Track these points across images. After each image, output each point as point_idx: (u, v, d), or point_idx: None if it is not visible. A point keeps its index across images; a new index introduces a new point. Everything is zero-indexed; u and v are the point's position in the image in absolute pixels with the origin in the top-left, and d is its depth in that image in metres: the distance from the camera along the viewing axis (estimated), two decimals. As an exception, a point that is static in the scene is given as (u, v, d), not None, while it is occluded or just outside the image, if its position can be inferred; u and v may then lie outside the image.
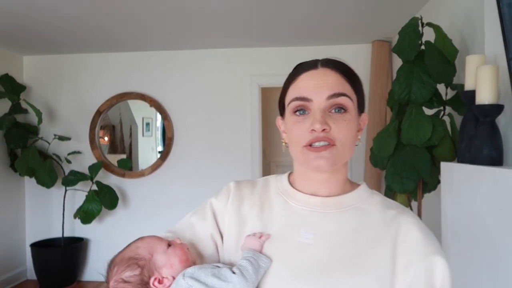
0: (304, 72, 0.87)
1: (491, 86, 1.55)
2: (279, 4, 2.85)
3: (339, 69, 0.86)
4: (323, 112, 0.82)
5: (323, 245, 0.83)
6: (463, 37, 2.24)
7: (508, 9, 1.47)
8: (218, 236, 0.94)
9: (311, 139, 0.82)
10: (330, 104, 0.82)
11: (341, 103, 0.83)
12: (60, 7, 2.83)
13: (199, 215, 0.98)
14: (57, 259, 3.91)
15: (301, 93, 0.84)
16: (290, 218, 0.89)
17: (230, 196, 0.96)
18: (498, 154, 1.57)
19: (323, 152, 0.81)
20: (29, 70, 4.29)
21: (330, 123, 0.81)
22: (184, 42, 3.84)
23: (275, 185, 0.97)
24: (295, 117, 0.85)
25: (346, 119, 0.83)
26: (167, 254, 0.87)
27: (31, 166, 3.80)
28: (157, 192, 4.14)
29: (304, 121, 0.83)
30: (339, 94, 0.82)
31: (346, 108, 0.83)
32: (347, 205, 0.88)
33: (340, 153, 0.83)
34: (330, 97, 0.82)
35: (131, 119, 4.51)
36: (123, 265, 0.88)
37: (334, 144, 0.82)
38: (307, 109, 0.83)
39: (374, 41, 3.77)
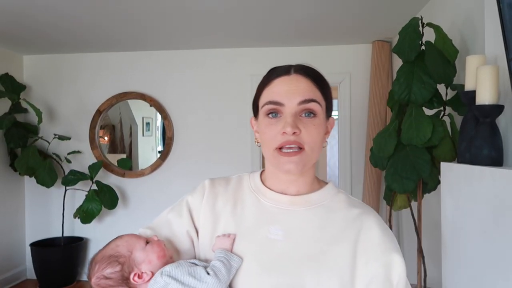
0: (277, 77, 0.92)
1: (491, 87, 1.55)
2: (279, 4, 2.85)
3: (310, 76, 0.92)
4: (294, 116, 0.87)
5: (291, 241, 0.89)
6: (464, 38, 2.24)
7: (509, 10, 1.47)
8: (194, 232, 0.99)
9: (282, 142, 0.87)
10: (301, 109, 0.88)
11: (311, 108, 0.88)
12: (61, 6, 2.83)
13: (175, 212, 1.03)
14: (57, 259, 3.91)
15: (274, 97, 0.89)
16: (260, 215, 0.94)
17: (205, 193, 1.01)
18: (498, 154, 1.56)
19: (293, 157, 0.87)
20: (29, 69, 4.29)
21: (300, 127, 0.87)
22: (184, 42, 3.85)
23: (248, 182, 1.02)
24: (268, 119, 0.90)
25: (315, 123, 0.89)
26: (146, 251, 0.92)
27: (31, 166, 3.80)
28: (157, 191, 4.15)
29: (276, 123, 0.88)
30: (309, 100, 0.88)
31: (315, 113, 0.89)
32: (314, 203, 0.94)
33: (309, 157, 0.89)
34: (301, 102, 0.88)
35: (131, 119, 4.51)
36: (104, 263, 0.93)
37: (303, 148, 0.87)
38: (280, 112, 0.89)
39: (374, 41, 3.77)
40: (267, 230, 0.91)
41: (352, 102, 3.96)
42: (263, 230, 0.91)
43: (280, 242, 0.89)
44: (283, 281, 0.85)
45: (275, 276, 0.86)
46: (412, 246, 2.97)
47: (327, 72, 3.43)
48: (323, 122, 0.91)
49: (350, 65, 3.94)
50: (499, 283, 1.35)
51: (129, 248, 0.93)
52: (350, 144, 3.97)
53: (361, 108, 3.92)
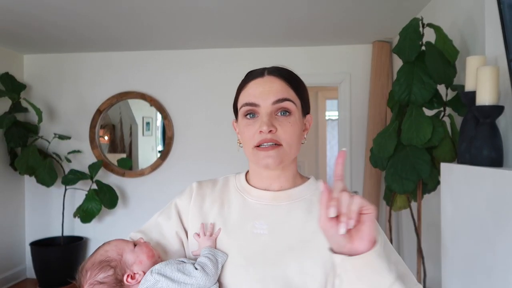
0: (252, 80, 0.97)
1: (492, 87, 1.55)
2: (279, 5, 2.85)
3: (283, 76, 0.97)
4: (270, 115, 0.92)
5: (275, 235, 0.93)
6: (464, 38, 2.24)
7: (509, 10, 1.47)
8: (183, 233, 1.03)
9: (259, 140, 0.92)
10: (276, 108, 0.93)
11: (285, 107, 0.93)
12: (61, 5, 2.83)
13: (164, 215, 1.08)
14: (56, 258, 3.91)
15: (250, 99, 0.94)
16: (246, 212, 0.98)
17: (193, 195, 1.06)
18: (498, 155, 1.57)
19: (270, 152, 0.92)
20: (30, 68, 4.29)
21: (276, 125, 0.92)
22: (184, 42, 3.85)
23: (234, 183, 1.07)
24: (246, 120, 0.96)
25: (291, 121, 0.93)
26: (135, 253, 0.96)
27: (31, 165, 3.80)
28: (157, 191, 4.15)
29: (253, 124, 0.94)
30: (283, 99, 0.93)
31: (290, 111, 0.94)
32: (296, 198, 0.99)
33: (286, 152, 0.94)
34: (275, 102, 0.92)
35: (131, 118, 4.51)
36: (96, 269, 0.95)
37: (280, 144, 0.92)
38: (256, 113, 0.94)
39: (375, 41, 3.77)
40: (252, 225, 0.95)
41: (352, 102, 3.96)
42: (249, 225, 0.96)
43: (264, 236, 0.94)
44: (268, 273, 0.89)
45: (260, 268, 0.90)
46: (412, 247, 2.97)
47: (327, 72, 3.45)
48: (299, 120, 0.96)
49: (350, 65, 3.94)
50: (499, 283, 1.35)
51: (118, 252, 0.97)
52: (350, 144, 3.97)
53: (361, 109, 3.92)
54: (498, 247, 1.36)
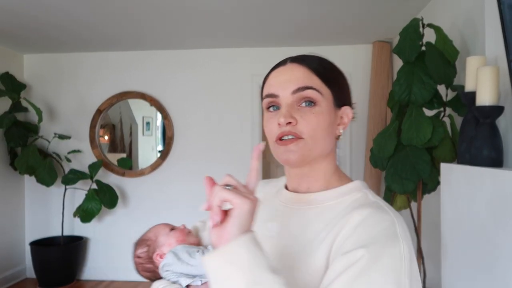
0: (274, 69, 0.91)
1: (492, 88, 1.55)
2: (280, 4, 2.85)
3: (307, 63, 0.88)
4: (290, 106, 0.83)
5: (282, 239, 0.87)
6: (464, 38, 2.24)
7: (509, 11, 1.47)
8: None
9: (278, 133, 0.84)
10: (298, 98, 0.84)
11: (308, 96, 0.84)
12: (62, 5, 2.83)
13: None
14: (56, 258, 3.92)
15: (270, 89, 0.87)
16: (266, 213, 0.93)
17: None
18: (498, 155, 1.57)
19: (290, 145, 0.83)
20: (30, 68, 4.29)
21: (297, 116, 0.83)
22: (185, 42, 3.85)
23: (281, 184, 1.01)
24: (268, 113, 0.88)
25: (315, 111, 0.84)
26: (168, 236, 1.13)
27: (31, 165, 3.80)
28: (157, 191, 4.15)
29: (275, 116, 0.85)
30: (304, 88, 0.84)
31: (314, 101, 0.84)
32: (318, 203, 0.87)
33: (309, 146, 0.83)
34: (295, 91, 0.84)
35: (131, 118, 4.51)
36: (138, 245, 1.18)
37: (301, 137, 0.83)
38: (278, 105, 0.86)
39: (375, 41, 3.77)
40: (265, 227, 0.90)
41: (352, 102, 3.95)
42: (263, 227, 0.89)
43: (273, 238, 0.88)
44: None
45: None
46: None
47: (327, 72, 3.28)
48: (326, 110, 0.85)
49: (350, 65, 3.94)
50: (499, 283, 1.35)
51: (155, 233, 1.16)
52: (350, 144, 3.97)
53: (361, 109, 3.92)
54: (498, 247, 1.36)
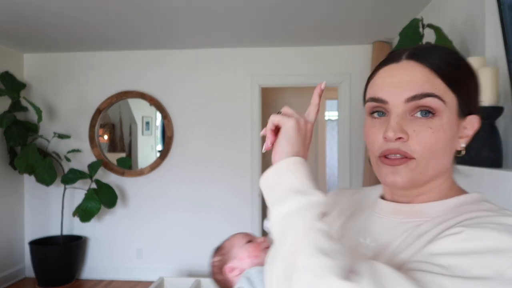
0: (384, 65, 0.73)
1: (491, 88, 1.55)
2: (280, 5, 2.85)
3: (429, 62, 0.68)
4: (401, 117, 0.67)
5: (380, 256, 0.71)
6: (464, 39, 2.24)
7: (509, 11, 1.47)
8: None
9: (384, 150, 0.69)
10: (412, 107, 0.67)
11: (426, 105, 0.66)
12: (61, 5, 2.83)
13: None
14: (55, 257, 3.91)
15: (376, 92, 0.71)
16: (360, 225, 0.80)
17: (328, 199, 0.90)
18: (498, 156, 1.57)
19: (399, 167, 0.68)
20: (30, 67, 4.29)
21: (409, 130, 0.67)
22: (185, 41, 3.85)
23: (373, 196, 0.86)
24: (371, 119, 0.73)
25: (433, 125, 0.66)
26: (242, 249, 1.04)
27: (30, 164, 3.80)
28: (156, 191, 4.15)
29: (380, 125, 0.70)
30: (422, 95, 0.66)
31: (434, 111, 0.66)
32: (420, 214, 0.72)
33: (421, 168, 0.68)
34: (410, 99, 0.67)
35: (131, 118, 4.51)
36: (215, 252, 1.11)
37: (412, 157, 0.67)
38: (385, 111, 0.70)
39: (375, 42, 3.77)
40: (357, 240, 0.77)
41: (352, 102, 3.96)
42: (354, 240, 0.77)
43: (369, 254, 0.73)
44: None
45: None
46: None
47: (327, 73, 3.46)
48: (447, 123, 0.67)
49: (350, 65, 3.94)
50: (498, 284, 1.35)
51: (232, 244, 1.07)
52: (350, 144, 3.97)
53: (361, 109, 3.90)
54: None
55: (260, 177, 1.05)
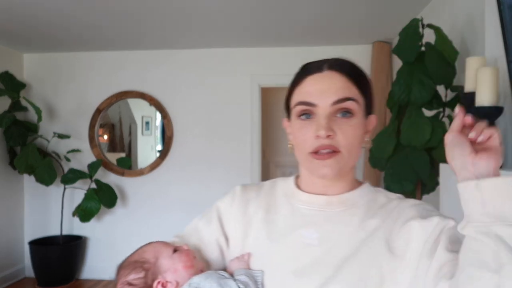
0: (309, 75, 0.85)
1: (491, 88, 1.55)
2: (279, 5, 2.85)
3: (346, 72, 0.85)
4: (328, 117, 0.81)
5: (327, 245, 0.83)
6: (464, 39, 2.24)
7: (509, 11, 1.47)
8: (224, 240, 0.95)
9: (316, 146, 0.81)
10: (336, 109, 0.81)
11: (347, 107, 0.81)
12: (61, 4, 2.83)
13: (205, 219, 0.98)
14: (55, 257, 3.91)
15: (306, 97, 0.83)
16: (294, 219, 0.89)
17: (236, 199, 0.98)
18: (497, 156, 1.56)
19: (328, 161, 0.81)
20: (29, 67, 4.29)
21: (335, 128, 0.80)
22: (184, 41, 3.84)
23: (282, 187, 0.97)
24: (300, 121, 0.84)
25: (352, 124, 0.82)
26: (172, 259, 0.88)
27: (30, 164, 3.80)
28: (156, 190, 4.14)
29: (309, 126, 0.82)
30: (344, 99, 0.81)
31: (352, 112, 0.82)
32: (351, 203, 0.87)
33: (346, 160, 0.82)
34: (335, 102, 0.81)
35: (131, 118, 4.51)
36: (129, 268, 0.89)
37: (339, 151, 0.81)
38: (312, 114, 0.82)
39: (375, 42, 3.77)
40: (299, 234, 0.86)
41: (352, 102, 3.95)
42: (297, 234, 0.86)
43: (315, 246, 0.84)
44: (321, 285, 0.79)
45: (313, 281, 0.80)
46: (411, 247, 2.97)
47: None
48: (361, 122, 0.84)
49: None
50: (497, 284, 1.35)
51: (155, 255, 0.90)
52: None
53: (361, 109, 3.92)
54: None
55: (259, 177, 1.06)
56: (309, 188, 0.91)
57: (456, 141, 0.68)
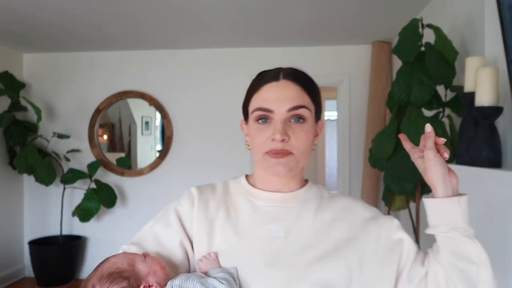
0: (266, 83, 0.93)
1: (491, 88, 1.55)
2: (280, 5, 2.85)
3: (299, 81, 0.93)
4: (284, 122, 0.89)
5: (292, 237, 0.91)
6: (464, 39, 2.24)
7: (509, 12, 1.47)
8: (188, 242, 0.95)
9: (271, 148, 0.89)
10: (290, 115, 0.89)
11: (300, 114, 0.90)
12: (61, 4, 2.83)
13: (163, 223, 0.98)
14: (55, 257, 3.91)
15: (264, 104, 0.91)
16: (257, 215, 0.95)
17: (195, 201, 0.99)
18: (497, 156, 1.57)
19: (282, 159, 0.89)
20: (29, 67, 4.29)
21: (289, 133, 0.89)
22: (184, 41, 3.84)
23: (234, 187, 1.03)
24: (257, 125, 0.92)
25: (305, 129, 0.91)
26: (148, 263, 0.87)
27: (30, 164, 3.80)
28: (156, 191, 4.14)
29: (266, 129, 0.90)
30: (298, 107, 0.90)
31: (304, 118, 0.91)
32: (303, 199, 0.98)
33: (297, 160, 0.91)
34: (290, 109, 0.89)
35: (131, 118, 4.51)
36: (106, 282, 0.85)
37: (292, 153, 0.89)
38: (269, 118, 0.90)
39: (374, 42, 3.77)
40: (267, 228, 0.92)
41: (352, 103, 3.96)
42: (264, 229, 0.92)
43: (281, 239, 0.91)
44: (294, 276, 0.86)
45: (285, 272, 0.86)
46: (411, 247, 2.97)
47: (326, 73, 3.46)
48: (312, 127, 0.94)
49: (349, 65, 3.94)
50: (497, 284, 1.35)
51: (130, 262, 0.88)
52: (349, 145, 3.97)
53: (361, 109, 3.92)
54: (496, 248, 1.36)
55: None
56: (265, 186, 0.99)
57: (438, 159, 0.85)
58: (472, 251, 0.84)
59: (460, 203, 0.86)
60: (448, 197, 0.86)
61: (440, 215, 0.88)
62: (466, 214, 0.87)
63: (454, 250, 0.85)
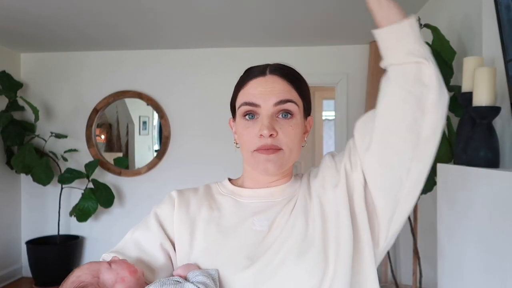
0: (253, 78, 0.92)
1: (489, 88, 1.56)
2: (278, 5, 2.85)
3: (286, 76, 0.91)
4: (271, 117, 0.88)
5: (276, 230, 0.88)
6: (461, 39, 2.25)
7: (506, 12, 1.47)
8: (169, 244, 0.93)
9: (259, 145, 0.88)
10: (277, 110, 0.88)
11: (287, 108, 0.89)
12: (59, 4, 2.82)
13: (142, 228, 0.96)
14: (52, 257, 3.90)
15: (250, 98, 0.90)
16: (241, 211, 0.93)
17: (175, 203, 0.98)
18: (495, 156, 1.57)
19: (271, 156, 0.88)
20: (27, 67, 4.28)
21: (277, 128, 0.87)
22: (182, 41, 3.84)
23: (217, 189, 1.02)
24: (244, 121, 0.91)
25: (292, 124, 0.89)
26: (113, 270, 0.82)
27: (27, 164, 3.79)
28: (153, 190, 4.14)
29: (253, 125, 0.89)
30: (285, 101, 0.88)
31: (292, 113, 0.89)
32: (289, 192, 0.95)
33: (287, 157, 0.90)
34: (277, 103, 0.88)
35: (128, 118, 4.50)
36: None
37: (281, 149, 0.88)
38: (256, 114, 0.89)
39: (372, 41, 3.77)
40: (251, 222, 0.90)
41: (349, 102, 3.96)
42: (247, 223, 0.90)
43: (264, 232, 0.88)
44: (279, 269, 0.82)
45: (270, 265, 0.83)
46: (408, 247, 2.98)
47: (324, 73, 3.46)
48: (300, 122, 0.92)
49: (347, 65, 3.94)
50: (495, 284, 1.35)
51: (93, 274, 0.81)
52: (347, 144, 3.96)
53: (358, 109, 3.93)
54: (494, 247, 1.36)
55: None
56: (253, 185, 0.97)
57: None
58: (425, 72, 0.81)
59: (413, 26, 0.81)
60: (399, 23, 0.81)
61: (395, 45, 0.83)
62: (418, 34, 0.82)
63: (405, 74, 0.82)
